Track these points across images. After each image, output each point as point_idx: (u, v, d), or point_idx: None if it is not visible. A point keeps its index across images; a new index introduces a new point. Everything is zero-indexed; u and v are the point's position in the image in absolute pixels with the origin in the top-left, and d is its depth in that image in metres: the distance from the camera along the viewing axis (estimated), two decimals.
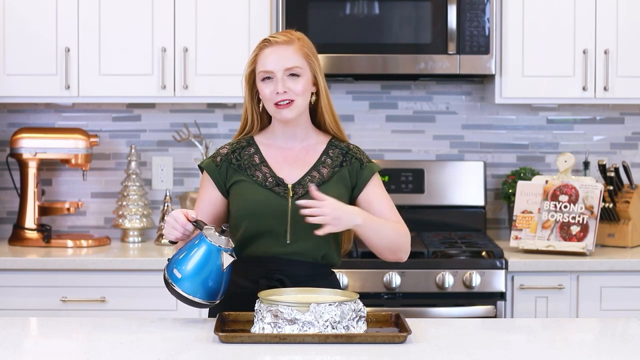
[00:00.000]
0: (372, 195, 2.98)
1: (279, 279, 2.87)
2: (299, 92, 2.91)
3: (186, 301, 2.75)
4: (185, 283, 2.73)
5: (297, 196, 2.90)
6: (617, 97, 4.34)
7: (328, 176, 2.96)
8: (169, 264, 2.79)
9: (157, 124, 4.66)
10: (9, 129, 4.63)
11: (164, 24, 4.29)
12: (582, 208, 4.25)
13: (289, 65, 2.90)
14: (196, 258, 2.73)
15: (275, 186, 2.92)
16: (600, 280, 4.10)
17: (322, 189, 2.88)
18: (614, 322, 2.97)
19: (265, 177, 2.93)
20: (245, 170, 2.95)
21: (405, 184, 4.56)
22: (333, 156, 2.99)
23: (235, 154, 2.97)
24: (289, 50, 2.92)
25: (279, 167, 2.95)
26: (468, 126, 4.69)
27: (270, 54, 2.92)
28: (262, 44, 2.96)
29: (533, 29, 4.31)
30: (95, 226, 4.67)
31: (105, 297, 4.07)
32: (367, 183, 2.98)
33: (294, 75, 2.91)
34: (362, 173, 2.98)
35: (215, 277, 2.75)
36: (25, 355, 2.57)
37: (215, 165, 2.97)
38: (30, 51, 4.28)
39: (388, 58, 4.27)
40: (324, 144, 3.01)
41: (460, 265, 4.06)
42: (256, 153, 2.98)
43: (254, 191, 2.92)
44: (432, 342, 2.63)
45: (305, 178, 2.94)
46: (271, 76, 2.91)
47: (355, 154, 3.01)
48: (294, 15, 4.23)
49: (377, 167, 3.01)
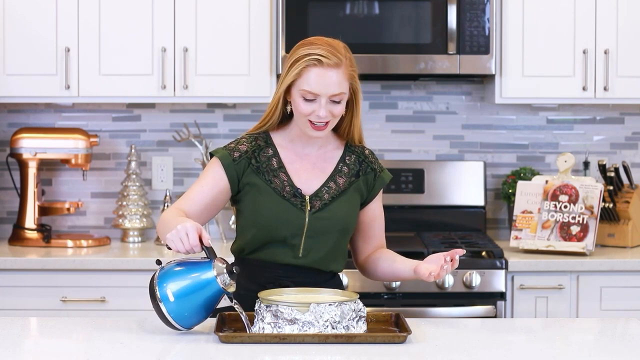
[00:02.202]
0: (377, 213, 3.01)
1: (287, 285, 2.87)
2: (337, 115, 2.85)
3: (164, 320, 2.66)
4: (175, 309, 2.64)
5: (314, 210, 2.88)
6: (617, 97, 4.34)
7: (344, 187, 2.94)
8: (162, 276, 2.67)
9: (157, 124, 4.66)
10: (9, 129, 4.63)
11: (164, 24, 4.29)
12: (582, 208, 4.25)
13: (336, 92, 2.81)
14: (196, 293, 2.63)
15: (293, 197, 2.88)
16: (600, 280, 4.10)
17: (338, 201, 2.90)
18: (614, 322, 2.97)
19: (283, 186, 2.89)
20: (264, 174, 2.89)
21: (405, 184, 4.56)
22: (350, 164, 2.97)
23: (255, 153, 2.91)
24: (338, 75, 2.81)
25: (297, 174, 2.91)
26: (468, 126, 4.70)
27: (318, 77, 2.80)
28: (310, 60, 2.80)
29: (533, 29, 4.31)
30: (95, 226, 4.67)
31: (105, 297, 4.07)
32: (376, 195, 3.00)
33: (336, 102, 2.84)
34: (374, 184, 2.99)
35: (204, 313, 2.67)
36: (25, 355, 2.57)
37: (232, 159, 2.89)
38: (30, 51, 4.28)
39: (388, 58, 4.28)
40: (341, 149, 2.98)
41: (460, 265, 4.01)
42: (274, 156, 2.92)
43: (270, 199, 2.88)
44: (432, 342, 2.63)
45: (322, 189, 2.91)
46: (314, 98, 2.82)
47: (371, 162, 2.99)
48: (294, 15, 4.23)
49: (388, 177, 3.02)
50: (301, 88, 2.81)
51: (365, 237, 3.02)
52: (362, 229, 3.01)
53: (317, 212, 2.88)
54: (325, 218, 2.88)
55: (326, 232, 2.89)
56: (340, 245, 2.93)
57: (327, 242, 2.89)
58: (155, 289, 2.66)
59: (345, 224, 2.92)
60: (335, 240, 2.91)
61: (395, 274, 2.96)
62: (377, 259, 2.99)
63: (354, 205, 2.94)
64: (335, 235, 2.90)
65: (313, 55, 2.80)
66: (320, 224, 2.88)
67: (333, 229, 2.89)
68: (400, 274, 2.94)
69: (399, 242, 4.21)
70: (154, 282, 2.67)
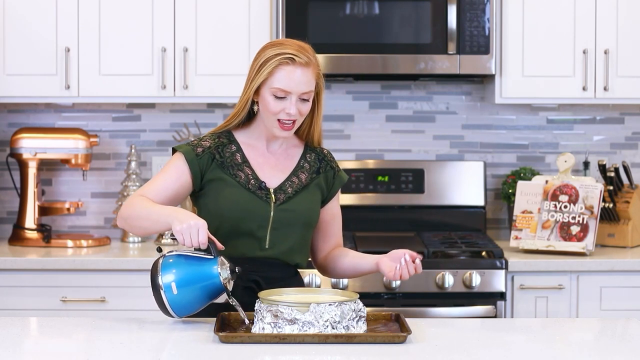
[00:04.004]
0: (335, 211, 3.08)
1: (255, 279, 2.89)
2: (304, 113, 2.92)
3: (162, 308, 2.73)
4: (176, 300, 2.70)
5: (278, 202, 2.93)
6: (617, 97, 4.34)
7: (307, 182, 3.00)
8: (167, 265, 2.72)
9: (157, 124, 4.66)
10: (9, 129, 4.63)
11: (164, 24, 4.29)
12: (582, 208, 4.25)
13: (306, 90, 2.88)
14: (198, 285, 2.70)
15: (258, 189, 2.93)
16: (600, 280, 4.10)
17: (301, 195, 2.96)
18: (614, 322, 2.97)
19: (248, 179, 2.94)
20: (228, 168, 2.94)
21: (405, 184, 4.56)
22: (310, 161, 3.03)
23: (218, 149, 2.95)
24: (308, 74, 2.88)
25: (261, 169, 2.97)
26: (468, 126, 4.70)
27: (291, 74, 2.86)
28: (283, 59, 2.86)
29: (533, 29, 4.31)
30: (95, 226, 4.67)
31: (105, 297, 4.07)
32: (336, 194, 3.07)
33: (305, 100, 2.90)
34: (334, 182, 3.06)
35: (200, 306, 2.75)
36: (25, 355, 2.57)
37: (195, 154, 2.93)
38: (30, 51, 4.28)
39: (388, 58, 4.28)
40: (301, 147, 3.05)
41: (460, 265, 4.06)
42: (238, 152, 2.97)
43: (236, 192, 2.92)
44: (432, 342, 2.63)
45: (285, 183, 2.96)
46: (285, 95, 2.87)
47: (330, 161, 3.06)
48: (294, 15, 4.23)
49: (345, 178, 3.10)
50: (272, 86, 2.87)
51: (325, 235, 3.08)
52: (322, 227, 3.06)
53: (282, 204, 2.93)
54: (290, 210, 2.94)
55: (291, 225, 2.94)
56: (304, 239, 2.99)
57: (291, 234, 2.94)
58: (159, 276, 2.71)
59: (308, 217, 2.98)
60: (299, 233, 2.96)
61: (357, 269, 3.02)
62: (337, 256, 3.05)
63: (315, 200, 3.00)
64: (299, 228, 2.96)
65: (285, 54, 2.87)
66: (285, 215, 2.93)
67: (297, 221, 2.95)
68: (362, 269, 3.00)
69: (399, 242, 4.21)
70: (157, 269, 2.72)
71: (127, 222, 2.86)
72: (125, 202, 2.88)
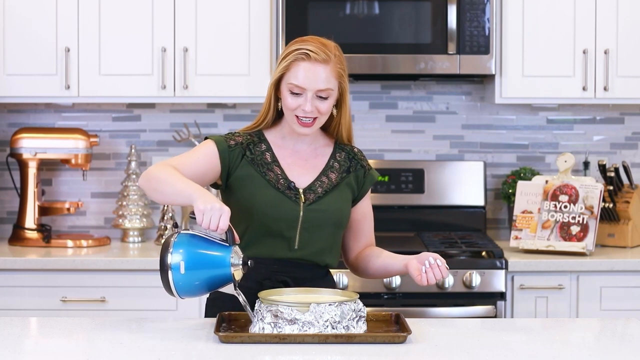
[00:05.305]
0: (366, 210, 3.05)
1: (283, 280, 2.88)
2: (324, 112, 2.89)
3: (166, 287, 2.67)
4: (183, 281, 2.65)
5: (308, 202, 2.90)
6: (617, 97, 4.34)
7: (336, 181, 2.97)
8: (179, 243, 2.65)
9: (157, 124, 4.66)
10: (9, 129, 4.63)
11: (164, 24, 4.29)
12: (582, 208, 4.25)
13: (322, 87, 2.85)
14: (206, 270, 2.65)
15: (287, 189, 2.91)
16: (600, 280, 4.11)
17: (332, 195, 2.93)
18: (614, 322, 2.97)
19: (277, 178, 2.91)
20: (258, 166, 2.92)
21: (405, 184, 4.56)
22: (340, 160, 3.00)
23: (249, 146, 2.93)
24: (325, 71, 2.85)
25: (290, 168, 2.94)
26: (468, 126, 4.70)
27: (306, 71, 2.84)
28: (299, 54, 2.85)
29: (533, 29, 4.31)
30: (95, 226, 4.67)
31: (105, 297, 4.07)
32: (367, 193, 3.04)
33: (322, 98, 2.87)
34: (364, 181, 3.02)
35: (203, 291, 2.70)
36: (25, 355, 2.57)
37: (227, 146, 2.91)
38: (30, 51, 4.28)
39: (388, 58, 4.28)
40: (331, 146, 3.02)
41: (460, 265, 4.06)
42: (268, 151, 2.95)
43: (265, 190, 2.90)
44: (432, 342, 2.63)
45: (315, 183, 2.94)
46: (300, 92, 2.86)
47: (360, 160, 3.03)
48: (294, 15, 4.23)
49: (376, 175, 3.07)
50: (288, 82, 2.86)
51: (357, 235, 3.05)
52: (353, 226, 3.04)
53: (311, 204, 2.91)
54: (320, 210, 2.91)
55: (321, 225, 2.91)
56: (334, 239, 2.96)
57: (321, 235, 2.92)
58: (168, 258, 2.65)
59: (339, 217, 2.95)
60: (329, 233, 2.93)
61: (388, 270, 2.99)
62: (368, 256, 3.02)
63: (346, 200, 2.97)
64: (329, 228, 2.93)
65: (302, 50, 2.85)
66: (314, 216, 2.90)
67: (327, 221, 2.92)
68: (392, 270, 2.97)
69: (399, 242, 4.22)
70: (169, 244, 2.66)
71: (149, 182, 2.78)
72: (154, 165, 2.81)
